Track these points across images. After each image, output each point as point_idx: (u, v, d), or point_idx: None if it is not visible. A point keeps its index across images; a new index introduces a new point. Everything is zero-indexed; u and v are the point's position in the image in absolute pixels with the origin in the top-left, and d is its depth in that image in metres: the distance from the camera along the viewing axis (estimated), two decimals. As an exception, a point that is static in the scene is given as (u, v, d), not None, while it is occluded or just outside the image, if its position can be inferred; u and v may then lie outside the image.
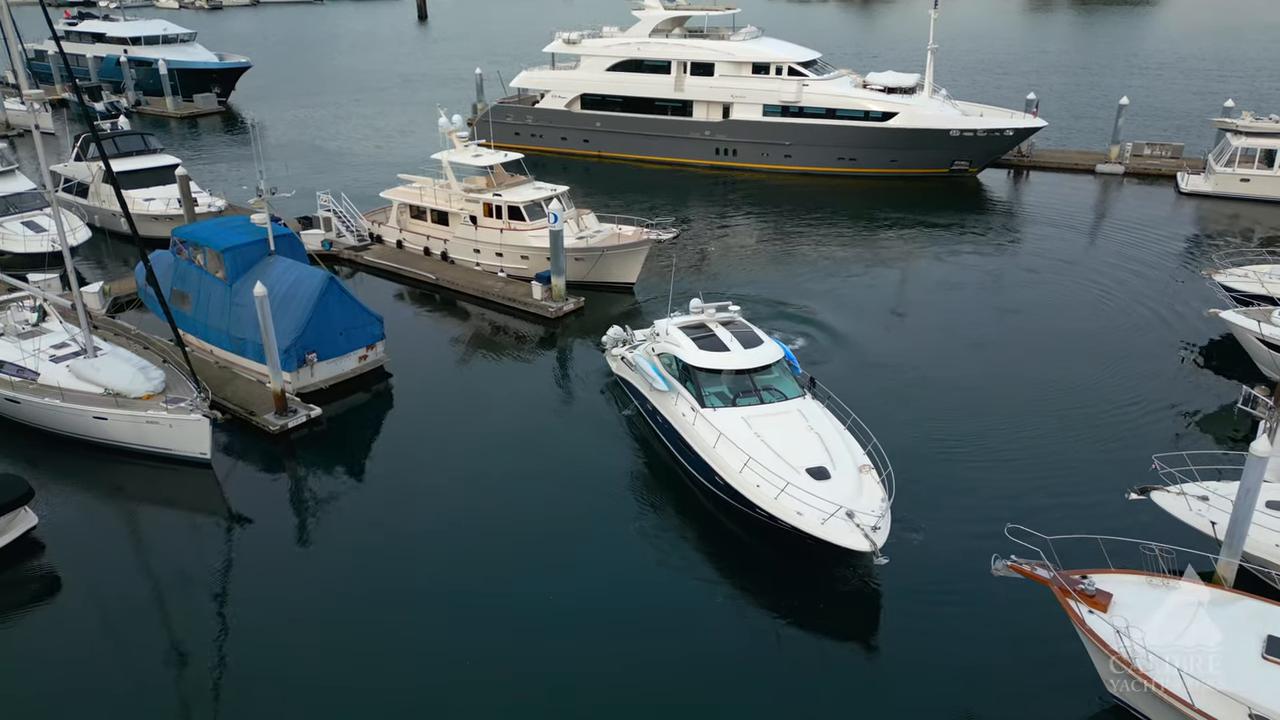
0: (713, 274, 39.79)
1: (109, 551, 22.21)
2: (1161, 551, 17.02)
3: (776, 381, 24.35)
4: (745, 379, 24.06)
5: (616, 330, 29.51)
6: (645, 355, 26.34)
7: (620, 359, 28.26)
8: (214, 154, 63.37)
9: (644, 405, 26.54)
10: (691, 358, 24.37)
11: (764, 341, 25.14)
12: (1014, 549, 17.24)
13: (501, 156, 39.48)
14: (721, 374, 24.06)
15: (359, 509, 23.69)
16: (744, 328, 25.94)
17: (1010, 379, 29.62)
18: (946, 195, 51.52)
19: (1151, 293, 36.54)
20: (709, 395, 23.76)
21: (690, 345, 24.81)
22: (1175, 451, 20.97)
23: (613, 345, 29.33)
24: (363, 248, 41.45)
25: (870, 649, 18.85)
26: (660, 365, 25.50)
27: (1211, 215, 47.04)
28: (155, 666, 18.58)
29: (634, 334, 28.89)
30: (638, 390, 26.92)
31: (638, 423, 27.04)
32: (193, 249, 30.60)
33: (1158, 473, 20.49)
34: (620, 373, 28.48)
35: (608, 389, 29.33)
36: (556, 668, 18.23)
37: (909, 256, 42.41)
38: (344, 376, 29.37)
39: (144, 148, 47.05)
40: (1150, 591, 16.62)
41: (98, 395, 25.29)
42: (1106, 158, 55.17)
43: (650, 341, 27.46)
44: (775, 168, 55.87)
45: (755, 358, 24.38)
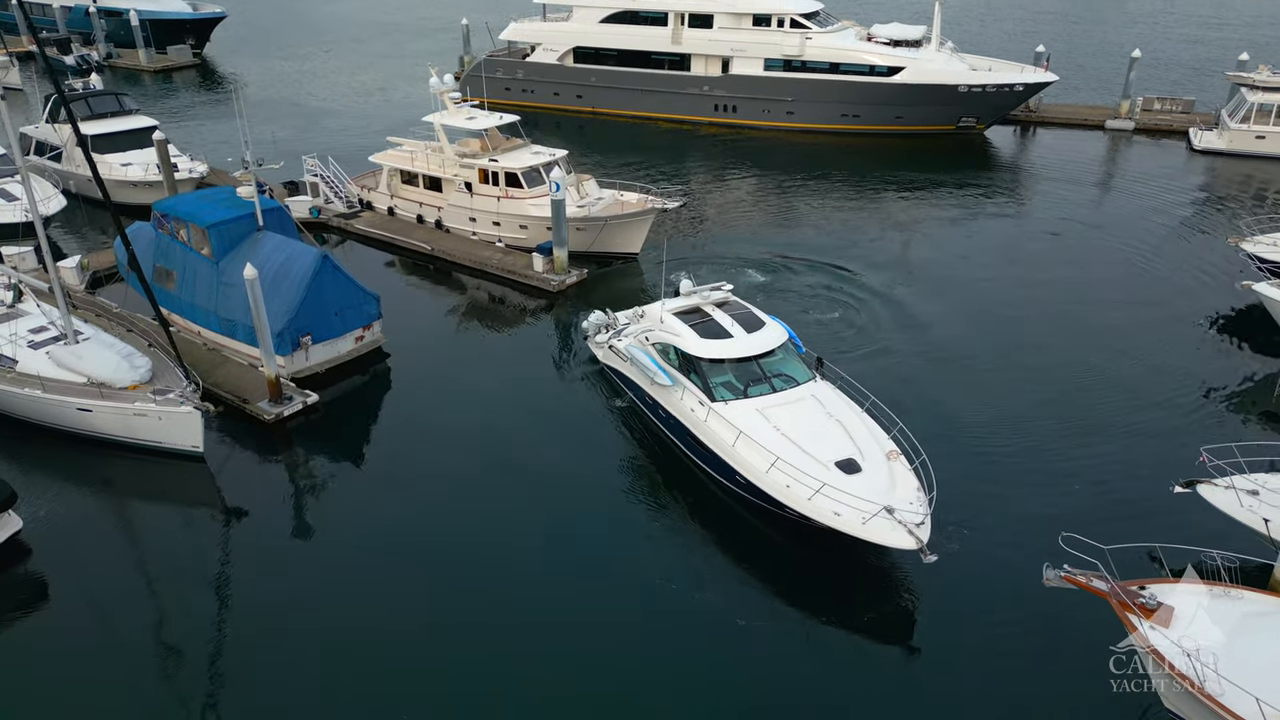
0: (710, 237, 38.46)
1: (100, 552, 21.02)
2: (1224, 561, 16.10)
3: (785, 365, 23.08)
4: (753, 366, 22.67)
5: (598, 315, 27.79)
6: (639, 346, 24.54)
7: (608, 347, 26.54)
8: (192, 112, 60.81)
9: (642, 399, 24.94)
10: (694, 348, 22.85)
11: (766, 323, 23.71)
12: (1064, 556, 16.23)
13: (497, 119, 37.65)
14: (727, 363, 22.69)
15: (359, 501, 22.55)
16: (741, 308, 24.45)
17: (1032, 356, 28.42)
18: (954, 153, 50.01)
19: (1176, 262, 35.24)
20: (717, 387, 22.36)
21: (690, 334, 23.24)
22: (1223, 443, 19.86)
23: (595, 332, 27.62)
24: (353, 215, 39.70)
25: (908, 650, 18.02)
26: (658, 357, 23.91)
27: (1227, 174, 45.83)
28: (152, 670, 17.80)
29: (617, 317, 27.34)
30: (632, 382, 25.32)
31: (636, 414, 25.54)
32: (175, 224, 28.91)
33: (1205, 465, 19.55)
34: (608, 362, 26.78)
35: (593, 379, 27.64)
36: (565, 671, 17.47)
37: (918, 219, 40.97)
38: (340, 359, 27.96)
39: (119, 108, 44.73)
40: (1212, 602, 15.71)
41: (81, 385, 23.86)
42: (1116, 113, 53.65)
43: (634, 325, 25.97)
44: (776, 125, 54.02)
45: (761, 342, 22.98)
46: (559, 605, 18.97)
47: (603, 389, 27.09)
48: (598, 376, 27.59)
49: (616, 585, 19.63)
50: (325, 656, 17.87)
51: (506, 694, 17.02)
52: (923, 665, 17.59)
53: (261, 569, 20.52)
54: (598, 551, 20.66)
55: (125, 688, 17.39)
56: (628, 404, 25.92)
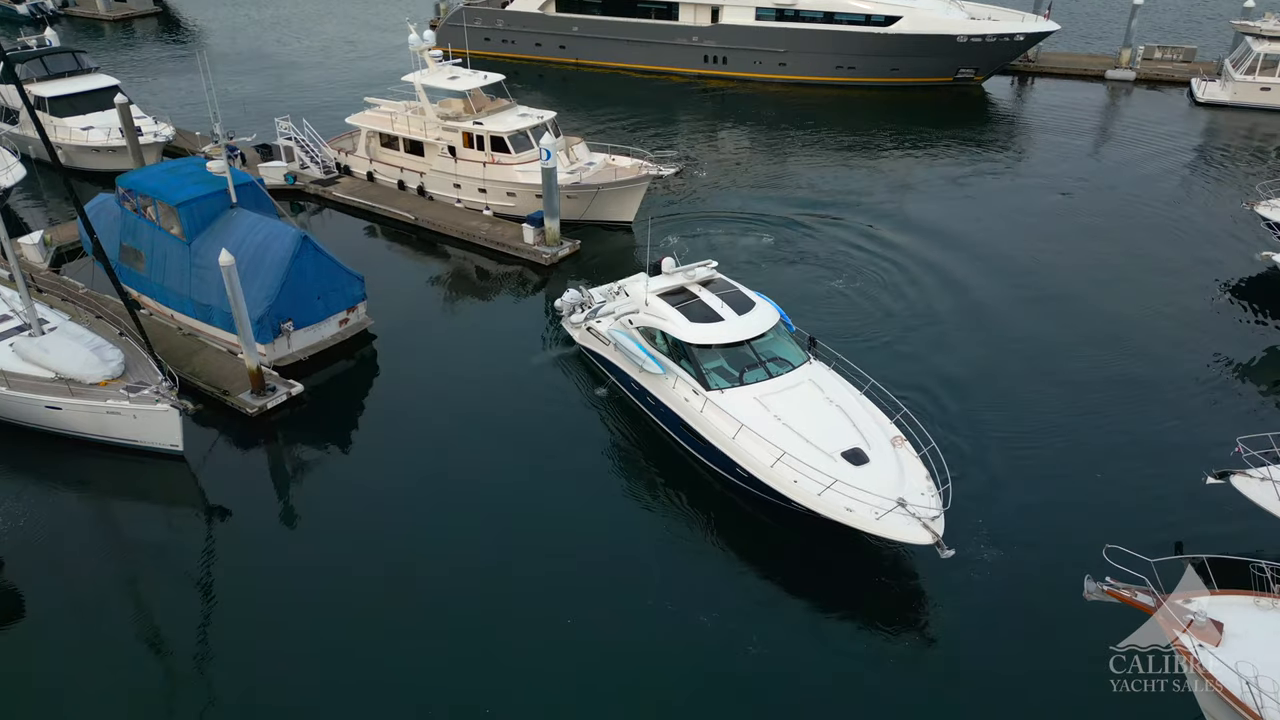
0: (698, 197, 37.06)
1: (74, 556, 19.73)
2: (1273, 571, 15.32)
3: (778, 347, 21.94)
4: (746, 350, 21.47)
5: (572, 293, 26.40)
6: (623, 330, 23.20)
7: (586, 329, 25.19)
8: (155, 67, 57.95)
9: (628, 385, 23.69)
10: (685, 333, 21.56)
11: (756, 303, 22.44)
12: (1100, 566, 15.35)
13: (481, 79, 35.69)
14: (721, 348, 21.51)
15: (349, 497, 21.32)
16: (728, 287, 23.14)
17: (1044, 331, 27.16)
18: (953, 106, 48.54)
19: (1190, 227, 33.96)
20: (710, 374, 21.19)
21: (679, 318, 21.92)
22: (1259, 433, 18.99)
23: (570, 311, 26.19)
24: (330, 181, 37.81)
25: (907, 648, 17.21)
26: (645, 342, 22.62)
27: (1231, 128, 44.67)
28: (133, 681, 16.84)
29: (592, 295, 26.02)
30: (615, 367, 24.02)
31: (620, 401, 24.25)
32: (142, 200, 27.09)
33: (1240, 456, 18.72)
34: (586, 343, 25.41)
35: (570, 363, 26.19)
36: (568, 672, 16.71)
37: (919, 179, 39.56)
38: (324, 345, 26.48)
39: (77, 67, 42.30)
40: (1260, 615, 14.94)
41: (48, 381, 22.37)
42: (1117, 62, 52.20)
43: (612, 303, 24.62)
44: (768, 77, 52.15)
45: (754, 324, 21.74)
46: (559, 606, 18.06)
47: (583, 373, 25.72)
48: (576, 360, 26.24)
49: (616, 586, 18.63)
50: (317, 663, 16.97)
51: (506, 696, 16.25)
52: (922, 664, 16.86)
53: (247, 573, 19.30)
54: (599, 552, 19.60)
55: (107, 697, 16.50)
56: (610, 389, 24.69)
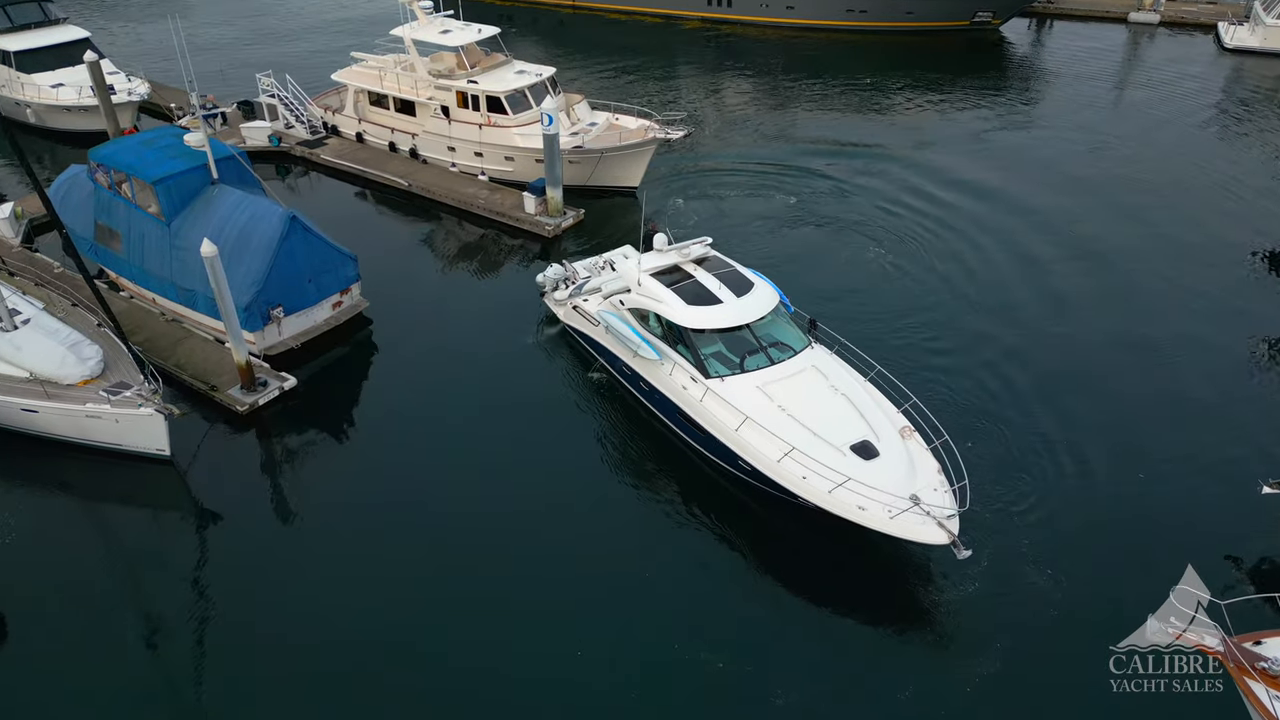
0: (701, 152, 35.32)
1: (58, 566, 18.55)
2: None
3: (778, 330, 20.65)
4: (745, 334, 20.18)
5: (555, 269, 25.10)
6: (614, 311, 21.86)
7: (571, 307, 23.84)
8: (125, 14, 55.04)
9: (618, 368, 22.36)
10: (683, 317, 20.17)
11: (754, 283, 21.05)
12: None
13: (475, 32, 33.48)
14: (719, 332, 20.20)
15: (347, 498, 20.07)
16: (724, 266, 21.70)
17: (1073, 313, 25.36)
18: (971, 52, 46.42)
19: (1235, 195, 31.99)
20: (709, 359, 19.92)
21: (676, 300, 20.51)
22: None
23: (552, 287, 24.85)
24: (317, 143, 35.78)
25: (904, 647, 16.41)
26: (638, 325, 21.30)
27: (1264, 75, 42.59)
28: (123, 690, 16.01)
29: (577, 269, 24.62)
30: (604, 349, 22.71)
31: (614, 385, 22.97)
32: (116, 176, 25.26)
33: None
34: (571, 322, 24.03)
35: (551, 344, 24.77)
36: (570, 673, 15.91)
37: (938, 135, 37.53)
38: (317, 331, 24.90)
39: (44, 18, 39.82)
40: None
41: (21, 382, 20.92)
42: (1140, 5, 49.82)
43: (598, 279, 23.22)
44: (776, 21, 49.69)
45: (754, 307, 20.39)
46: (559, 606, 17.19)
47: (582, 354, 24.31)
48: (557, 340, 24.82)
49: (618, 586, 17.70)
50: (313, 667, 16.13)
51: (506, 696, 15.53)
52: (919, 664, 16.08)
53: (241, 582, 18.10)
54: (599, 554, 18.53)
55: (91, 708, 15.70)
56: (599, 376, 23.37)
